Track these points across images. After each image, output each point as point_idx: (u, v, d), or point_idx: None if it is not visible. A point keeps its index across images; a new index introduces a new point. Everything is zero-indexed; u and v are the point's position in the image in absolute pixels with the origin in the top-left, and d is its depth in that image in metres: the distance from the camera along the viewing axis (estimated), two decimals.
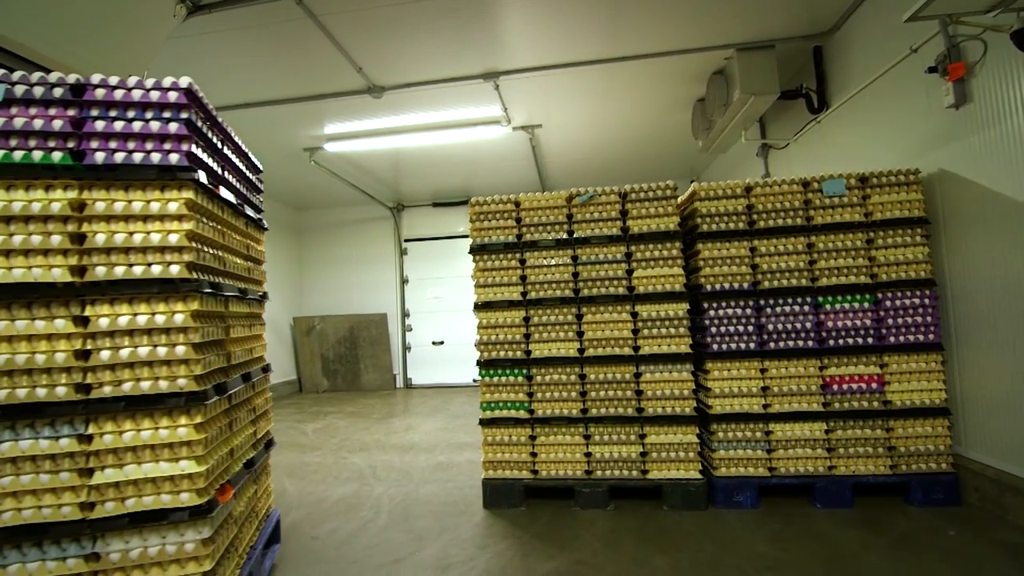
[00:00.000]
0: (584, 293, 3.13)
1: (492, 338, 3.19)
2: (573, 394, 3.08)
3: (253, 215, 2.58)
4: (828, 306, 2.98)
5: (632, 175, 7.56)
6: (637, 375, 3.04)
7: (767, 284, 3.02)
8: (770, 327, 3.00)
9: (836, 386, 2.93)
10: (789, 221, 3.02)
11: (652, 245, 3.10)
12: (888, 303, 2.93)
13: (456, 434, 5.00)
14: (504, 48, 4.04)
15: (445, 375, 8.61)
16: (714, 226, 3.07)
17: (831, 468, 2.89)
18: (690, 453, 2.95)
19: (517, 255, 3.22)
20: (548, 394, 3.10)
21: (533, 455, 3.09)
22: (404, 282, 8.85)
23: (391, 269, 8.82)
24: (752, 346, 3.00)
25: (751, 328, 3.01)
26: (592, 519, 2.83)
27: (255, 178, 2.72)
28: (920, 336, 2.88)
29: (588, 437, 3.04)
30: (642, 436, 3.00)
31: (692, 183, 3.26)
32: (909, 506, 2.79)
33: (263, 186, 2.84)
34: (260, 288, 2.73)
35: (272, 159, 6.18)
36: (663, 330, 3.04)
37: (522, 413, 3.12)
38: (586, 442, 3.04)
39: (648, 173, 7.60)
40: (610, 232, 3.14)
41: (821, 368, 2.95)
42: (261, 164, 2.78)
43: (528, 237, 3.20)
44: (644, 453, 2.99)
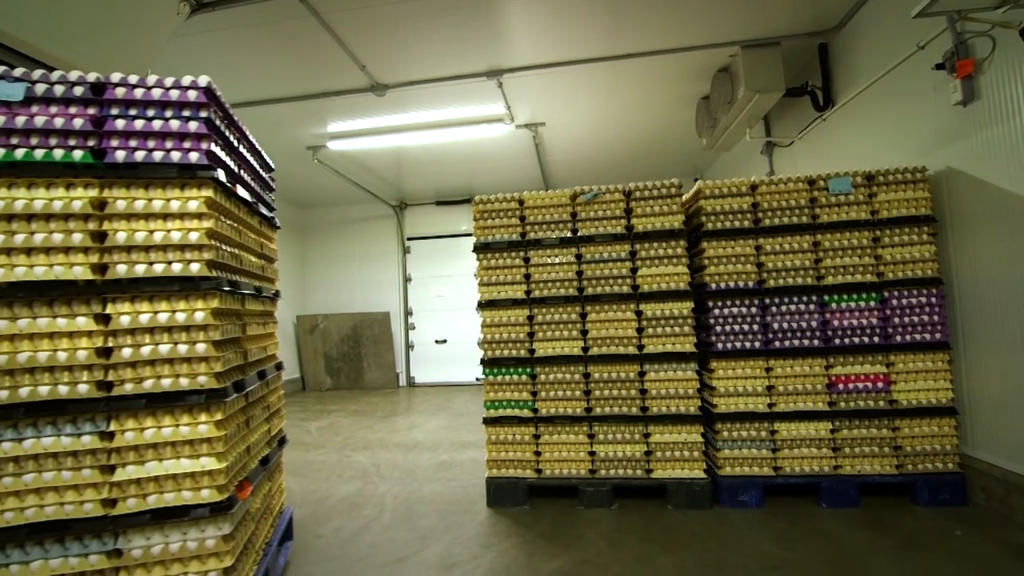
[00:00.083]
0: (588, 291, 3.12)
1: (496, 337, 3.19)
2: (577, 393, 3.07)
3: (267, 213, 2.58)
4: (834, 305, 2.96)
5: (636, 173, 7.54)
6: (641, 374, 3.03)
7: (772, 283, 3.00)
8: (775, 326, 2.98)
9: (842, 385, 2.92)
10: (795, 219, 3.00)
11: (656, 243, 3.08)
12: (894, 302, 2.91)
13: (459, 433, 5.00)
14: (507, 46, 4.02)
15: (448, 374, 8.60)
16: (719, 224, 3.06)
17: (837, 468, 2.88)
18: (695, 452, 2.94)
19: (521, 253, 3.21)
20: (552, 393, 3.09)
21: (537, 454, 3.08)
22: (407, 280, 8.86)
23: (394, 267, 8.83)
24: (757, 345, 2.98)
25: (756, 327, 2.99)
26: (596, 518, 2.83)
27: (267, 176, 2.72)
28: (927, 335, 2.86)
29: (592, 436, 3.03)
30: (646, 435, 2.99)
31: (696, 181, 3.24)
32: (915, 506, 2.78)
33: (275, 184, 2.84)
34: (273, 286, 2.74)
35: (275, 157, 6.16)
36: (667, 329, 3.02)
37: (526, 412, 3.11)
38: (590, 441, 3.03)
39: (652, 171, 7.58)
40: (614, 230, 3.13)
41: (827, 367, 2.94)
42: None
43: (532, 235, 3.20)
44: (648, 452, 2.98)
